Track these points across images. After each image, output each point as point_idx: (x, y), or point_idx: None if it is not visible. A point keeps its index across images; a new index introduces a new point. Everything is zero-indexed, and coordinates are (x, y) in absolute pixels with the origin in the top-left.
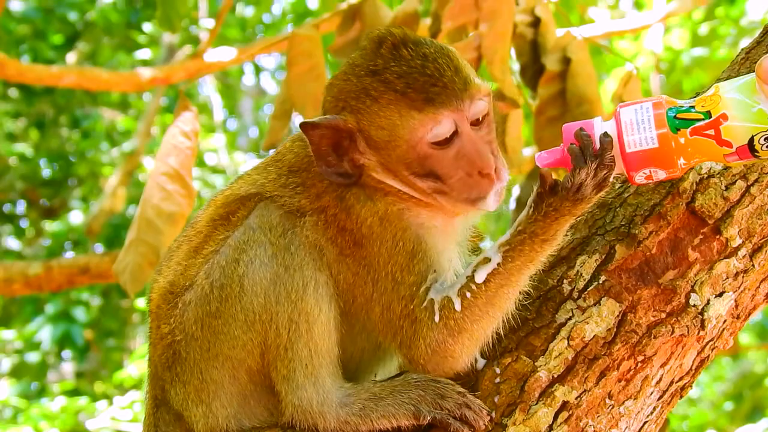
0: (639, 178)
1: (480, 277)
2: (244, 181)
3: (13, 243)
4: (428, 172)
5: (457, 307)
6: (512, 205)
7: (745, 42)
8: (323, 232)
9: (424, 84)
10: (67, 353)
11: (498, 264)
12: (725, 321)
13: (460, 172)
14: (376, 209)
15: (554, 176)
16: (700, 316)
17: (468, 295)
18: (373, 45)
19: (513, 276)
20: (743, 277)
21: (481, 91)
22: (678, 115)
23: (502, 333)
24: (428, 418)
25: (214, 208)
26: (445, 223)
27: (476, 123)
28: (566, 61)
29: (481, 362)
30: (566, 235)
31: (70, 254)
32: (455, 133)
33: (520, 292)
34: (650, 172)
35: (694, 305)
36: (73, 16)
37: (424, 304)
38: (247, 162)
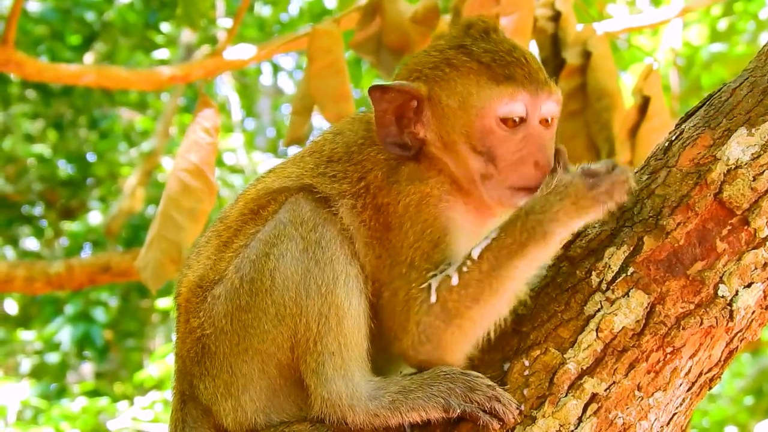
0: None
1: (475, 252)
2: (277, 175)
3: (31, 244)
4: (485, 150)
5: (455, 280)
6: None
7: (765, 36)
8: (359, 215)
9: (509, 63)
10: (86, 353)
11: (492, 239)
12: (754, 312)
13: (517, 156)
14: (420, 188)
15: None
16: (729, 307)
17: (464, 269)
18: (462, 28)
19: (503, 258)
20: None
21: (557, 93)
22: None
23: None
24: (458, 411)
25: (244, 202)
26: (474, 223)
27: (544, 123)
28: (587, 55)
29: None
30: (594, 226)
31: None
32: (523, 120)
33: (515, 296)
34: None
35: (723, 296)
36: (90, 16)
37: (423, 286)
38: (265, 162)
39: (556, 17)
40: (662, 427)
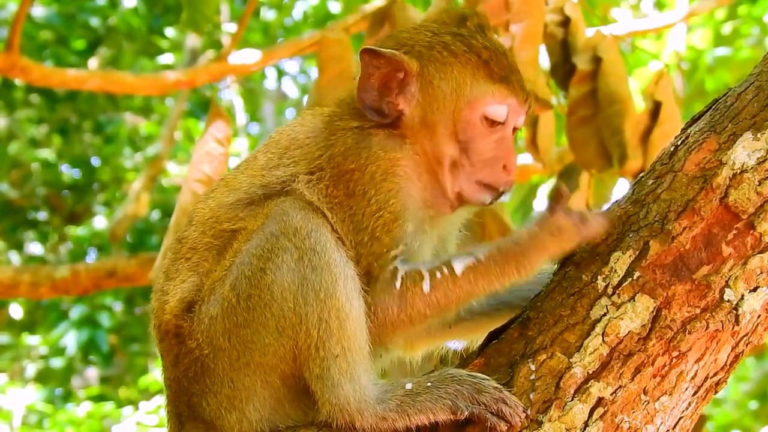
0: None
1: (457, 267)
2: (229, 187)
3: (36, 249)
4: (464, 140)
5: (425, 286)
6: (543, 205)
7: None
8: (315, 186)
9: (506, 66)
10: (91, 358)
11: (477, 260)
12: (759, 316)
13: (490, 155)
14: (391, 156)
15: None
16: (735, 312)
17: (438, 275)
18: (456, 19)
19: (483, 280)
20: None
21: (532, 105)
22: None
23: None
24: (466, 412)
25: (201, 221)
26: (425, 211)
27: (513, 130)
28: (597, 61)
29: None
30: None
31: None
32: (502, 124)
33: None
34: None
35: (729, 300)
36: (95, 21)
37: (389, 268)
38: None
39: (566, 23)
40: (668, 431)
